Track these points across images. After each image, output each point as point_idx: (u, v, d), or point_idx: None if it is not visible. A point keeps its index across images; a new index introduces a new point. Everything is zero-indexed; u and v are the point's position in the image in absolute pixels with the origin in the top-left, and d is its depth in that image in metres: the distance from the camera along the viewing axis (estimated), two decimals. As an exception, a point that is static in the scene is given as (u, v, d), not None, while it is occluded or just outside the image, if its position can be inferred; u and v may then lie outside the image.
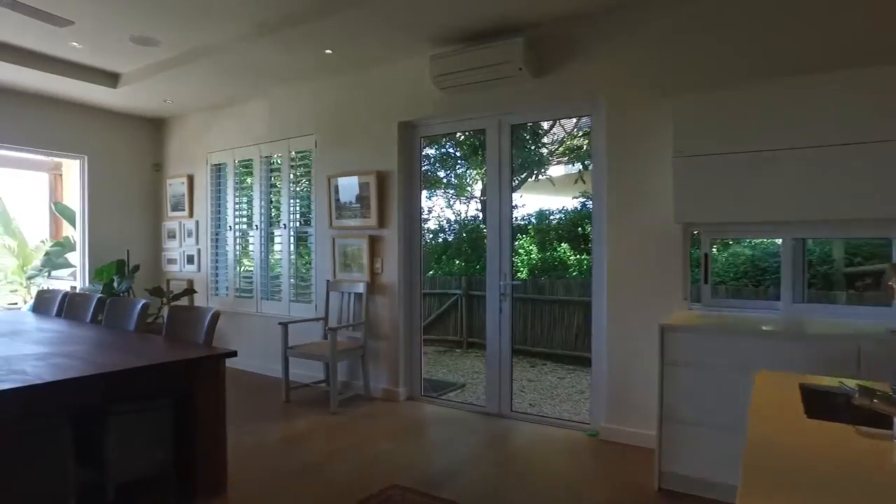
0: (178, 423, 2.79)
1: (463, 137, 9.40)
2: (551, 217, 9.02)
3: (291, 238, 5.53)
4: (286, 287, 5.54)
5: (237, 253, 6.02)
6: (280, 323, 4.75)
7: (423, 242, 4.91)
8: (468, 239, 10.01)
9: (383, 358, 4.80)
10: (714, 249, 3.64)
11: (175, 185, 6.52)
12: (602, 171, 3.81)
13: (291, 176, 5.53)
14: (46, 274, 6.51)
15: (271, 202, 5.73)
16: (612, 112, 3.73)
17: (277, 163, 5.65)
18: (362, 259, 4.89)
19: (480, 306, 7.86)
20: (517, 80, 3.98)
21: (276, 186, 5.67)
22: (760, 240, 4.65)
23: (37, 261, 7.03)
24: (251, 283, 5.84)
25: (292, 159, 5.52)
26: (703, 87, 3.35)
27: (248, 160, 5.87)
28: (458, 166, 10.58)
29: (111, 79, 5.37)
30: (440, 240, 10.23)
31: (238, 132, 5.90)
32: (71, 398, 2.36)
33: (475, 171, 10.25)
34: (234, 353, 2.78)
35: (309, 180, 5.45)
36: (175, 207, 6.54)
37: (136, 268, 5.99)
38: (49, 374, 2.28)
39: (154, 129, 6.77)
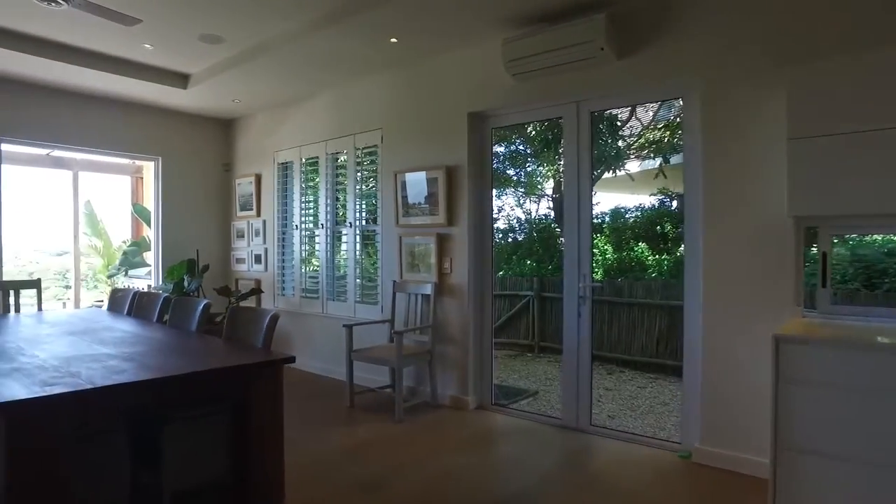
0: (235, 430, 2.63)
1: (534, 133, 9.03)
2: (627, 215, 8.51)
3: (357, 237, 5.37)
4: (352, 288, 5.38)
5: (303, 252, 5.94)
6: (345, 325, 4.58)
7: (493, 241, 4.62)
8: (539, 238, 9.62)
9: (452, 363, 4.53)
10: (814, 249, 3.13)
11: (243, 185, 6.53)
12: (696, 161, 3.37)
13: (358, 174, 5.37)
14: (124, 273, 6.69)
15: (337, 200, 5.60)
16: (709, 92, 3.29)
17: (343, 160, 5.51)
18: (430, 259, 4.65)
19: (554, 309, 7.49)
20: (598, 61, 3.61)
21: (341, 184, 5.54)
22: (874, 237, 4.04)
23: (117, 260, 7.26)
24: (317, 283, 5.73)
25: (358, 155, 5.36)
26: (822, 57, 2.86)
27: (314, 157, 5.77)
28: (527, 163, 10.22)
29: (181, 80, 5.40)
30: (510, 239, 9.90)
31: (304, 129, 5.82)
32: (122, 403, 2.22)
33: (546, 168, 9.85)
34: (291, 359, 2.59)
35: (375, 177, 5.28)
36: (243, 207, 6.55)
37: (206, 267, 6.03)
38: (100, 378, 2.16)
39: (224, 129, 6.82)
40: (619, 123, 8.09)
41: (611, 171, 7.95)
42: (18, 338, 3.23)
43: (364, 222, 5.38)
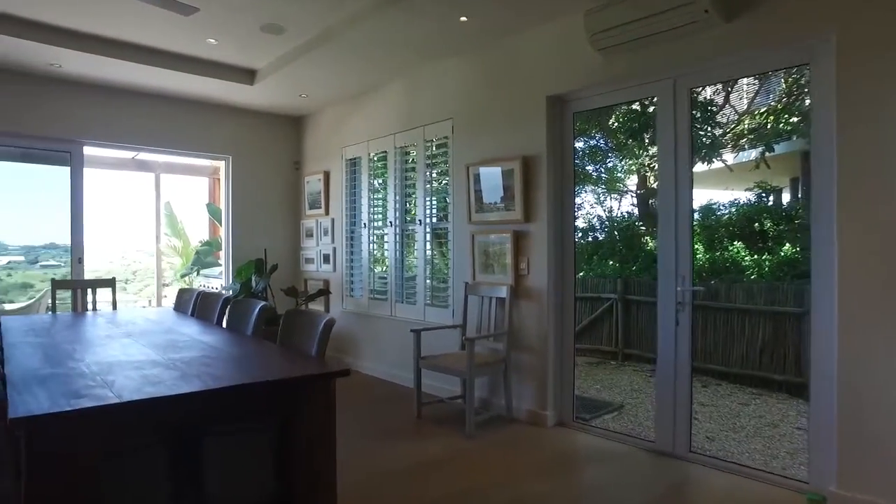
0: (282, 447, 2.35)
1: (617, 124, 8.41)
2: (720, 212, 7.75)
3: (428, 235, 5.04)
4: (421, 290, 5.06)
5: (372, 252, 5.69)
6: (413, 330, 4.26)
7: (575, 239, 4.15)
8: (622, 237, 9.00)
9: (529, 374, 4.11)
10: None
11: (312, 183, 6.38)
12: (827, 141, 2.78)
13: (428, 169, 5.04)
14: (196, 272, 6.71)
15: (407, 196, 5.30)
16: (847, 54, 2.69)
17: (413, 153, 5.21)
18: (505, 258, 4.24)
19: (641, 313, 6.87)
20: (701, 27, 3.09)
21: (411, 179, 5.24)
22: None
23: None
24: (386, 284, 5.46)
25: (428, 148, 5.03)
26: None
27: (382, 152, 5.51)
28: (608, 159, 9.59)
29: (248, 75, 5.29)
30: (589, 239, 9.32)
31: (372, 123, 5.56)
32: (152, 418, 1.98)
33: (630, 162, 9.19)
34: (346, 373, 2.27)
35: (446, 170, 4.93)
36: (312, 205, 6.40)
37: (275, 267, 5.90)
38: (130, 391, 1.92)
39: (294, 126, 6.71)
40: (713, 109, 7.35)
41: (703, 163, 7.23)
42: (78, 338, 3.12)
43: (435, 220, 5.05)
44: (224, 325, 3.64)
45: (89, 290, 4.90)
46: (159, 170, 8.91)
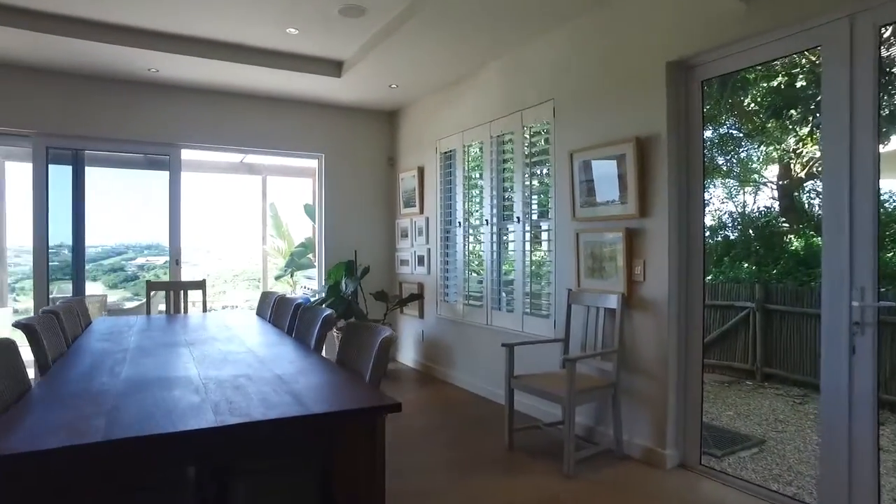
0: (320, 489, 1.91)
1: (754, 105, 7.26)
2: (889, 202, 6.42)
3: (526, 235, 4.44)
4: (519, 296, 4.47)
5: (467, 253, 5.19)
6: (504, 345, 3.68)
7: (704, 237, 3.36)
8: (758, 236, 7.82)
9: (644, 402, 3.39)
10: None
11: (406, 180, 6.01)
12: None
13: (527, 164, 4.43)
14: (290, 274, 6.60)
15: (504, 191, 4.74)
16: None
17: (510, 143, 4.63)
18: (616, 261, 3.55)
19: (785, 325, 5.79)
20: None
21: (508, 171, 4.67)
22: None
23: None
24: (482, 288, 4.93)
25: (526, 135, 4.43)
26: None
27: (477, 142, 4.99)
28: (741, 148, 8.40)
29: (335, 67, 5.01)
30: (719, 238, 8.22)
31: (466, 111, 5.06)
32: (156, 456, 1.61)
33: (771, 148, 7.96)
34: (396, 408, 1.76)
35: (546, 160, 4.31)
36: (407, 203, 6.03)
37: (366, 270, 5.59)
38: (126, 423, 1.55)
39: (386, 121, 6.38)
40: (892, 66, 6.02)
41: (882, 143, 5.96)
42: (138, 345, 2.92)
43: (535, 216, 4.43)
44: (295, 332, 3.31)
45: (181, 292, 4.85)
46: (266, 172, 9.07)
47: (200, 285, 4.88)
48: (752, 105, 7.24)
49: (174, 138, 5.41)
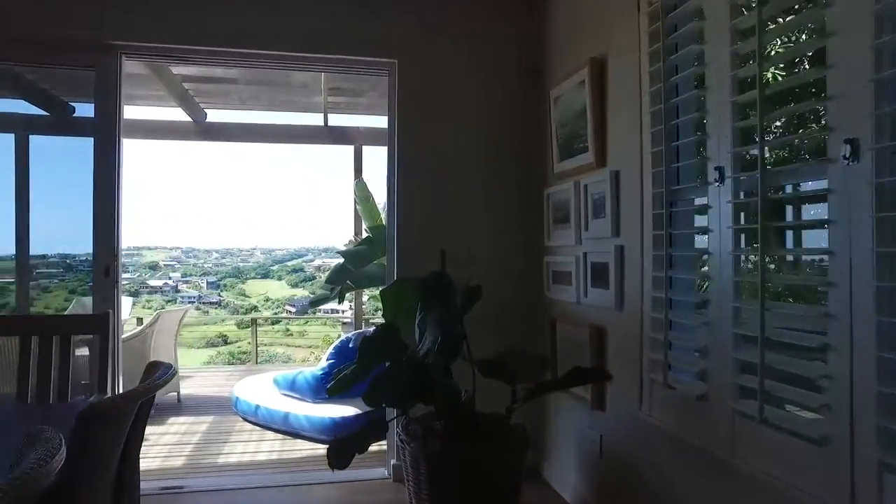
0: None
1: None
2: None
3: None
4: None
5: (722, 257, 1.81)
6: None
7: None
8: None
9: None
10: None
11: (566, 99, 2.74)
12: None
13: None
14: (338, 298, 3.70)
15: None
16: None
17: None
18: None
19: None
20: None
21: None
22: None
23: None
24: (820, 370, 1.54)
25: None
26: None
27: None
28: None
29: None
30: None
31: None
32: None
33: None
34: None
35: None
36: (566, 150, 2.74)
37: (474, 293, 2.42)
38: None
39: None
40: None
41: None
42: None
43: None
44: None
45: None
46: (361, 140, 6.36)
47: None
48: None
49: (109, 29, 2.76)
